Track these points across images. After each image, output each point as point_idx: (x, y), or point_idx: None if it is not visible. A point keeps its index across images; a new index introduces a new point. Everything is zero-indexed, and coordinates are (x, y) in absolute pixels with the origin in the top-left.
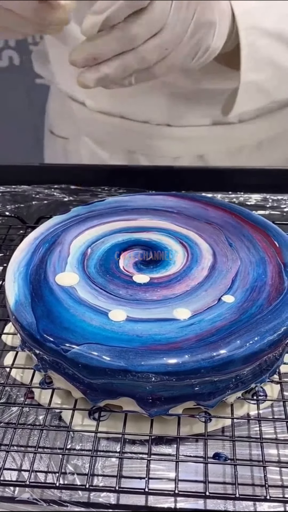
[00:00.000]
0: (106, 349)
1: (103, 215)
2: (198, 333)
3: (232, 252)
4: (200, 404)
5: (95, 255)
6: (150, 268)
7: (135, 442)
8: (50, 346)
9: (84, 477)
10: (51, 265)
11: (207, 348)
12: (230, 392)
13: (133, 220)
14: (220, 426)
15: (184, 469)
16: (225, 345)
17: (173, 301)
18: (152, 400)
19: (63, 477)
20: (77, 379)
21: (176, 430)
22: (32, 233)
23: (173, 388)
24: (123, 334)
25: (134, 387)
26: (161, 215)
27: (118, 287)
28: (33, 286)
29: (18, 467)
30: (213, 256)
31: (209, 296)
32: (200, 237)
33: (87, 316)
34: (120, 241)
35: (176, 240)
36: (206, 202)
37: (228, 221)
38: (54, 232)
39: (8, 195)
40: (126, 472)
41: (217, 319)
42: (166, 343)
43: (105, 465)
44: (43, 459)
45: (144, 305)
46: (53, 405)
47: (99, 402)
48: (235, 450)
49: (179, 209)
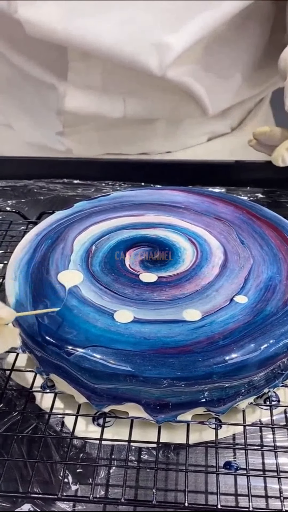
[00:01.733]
0: (111, 353)
1: (108, 211)
2: (210, 335)
3: (244, 249)
4: (211, 410)
5: (99, 253)
6: (158, 267)
7: (142, 450)
8: (52, 349)
9: (88, 487)
10: (53, 263)
11: (220, 352)
12: (242, 397)
13: (139, 216)
14: (231, 433)
15: (193, 478)
16: (238, 348)
17: (182, 302)
18: (160, 406)
19: (65, 487)
20: (81, 383)
21: (184, 437)
22: (34, 229)
23: (183, 394)
24: (129, 337)
25: (141, 392)
26: (169, 210)
27: (124, 286)
28: (34, 285)
29: (19, 476)
30: (224, 254)
31: (221, 296)
32: (210, 233)
33: (92, 317)
34: (126, 237)
35: (185, 237)
36: (215, 196)
37: (239, 217)
38: (57, 228)
39: (9, 190)
40: (132, 482)
41: (230, 320)
42: (176, 346)
43: (110, 475)
44: (45, 468)
45: (151, 305)
46: (55, 410)
47: (103, 408)
48: (247, 459)
49: (187, 204)
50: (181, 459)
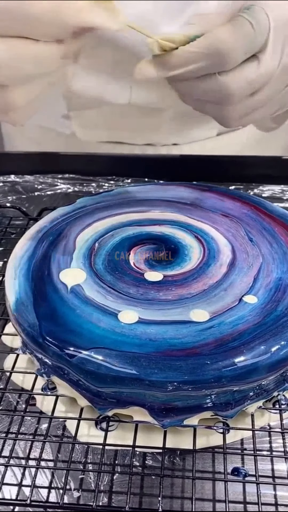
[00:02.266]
0: (115, 355)
1: (112, 207)
2: (218, 337)
3: (252, 247)
4: (218, 415)
5: (103, 250)
6: (163, 265)
7: (146, 455)
8: (54, 351)
9: (91, 494)
10: (55, 260)
11: (229, 355)
12: (250, 401)
13: (144, 212)
14: (239, 438)
15: (200, 485)
16: (248, 351)
17: (189, 302)
18: (166, 410)
19: (67, 494)
20: (83, 386)
21: (191, 442)
22: (35, 226)
23: (190, 398)
24: (134, 338)
25: (147, 396)
26: (174, 206)
27: (128, 285)
28: (35, 284)
29: (18, 482)
30: (232, 252)
31: (229, 296)
32: (217, 231)
33: (95, 317)
34: (130, 235)
35: (191, 234)
36: (222, 192)
37: (247, 213)
38: (59, 224)
39: (9, 186)
40: (136, 489)
41: (239, 321)
42: (183, 348)
43: (114, 481)
44: (46, 473)
45: (157, 305)
46: (57, 413)
47: (107, 411)
48: (257, 466)
49: (193, 201)
50: (187, 464)
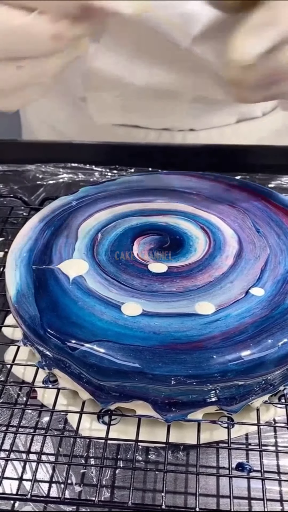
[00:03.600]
0: (118, 348)
1: (115, 196)
2: (224, 330)
3: (259, 238)
4: (223, 409)
5: (106, 241)
6: (168, 256)
7: (149, 449)
8: (55, 343)
9: (93, 489)
10: (57, 251)
11: (235, 348)
12: (256, 396)
13: (148, 202)
14: (244, 433)
15: (204, 481)
16: (255, 344)
17: (194, 294)
18: (170, 404)
19: (68, 489)
20: (85, 379)
21: (195, 437)
22: (36, 216)
23: (194, 392)
24: (138, 331)
25: (150, 390)
26: (179, 196)
27: (132, 277)
28: (36, 275)
29: (19, 476)
30: (239, 243)
31: (236, 288)
32: (223, 221)
33: (97, 309)
34: (134, 225)
35: (197, 224)
36: (229, 182)
37: (254, 204)
38: (61, 214)
39: (10, 175)
40: (139, 484)
41: (246, 314)
42: (188, 341)
43: (116, 476)
44: (47, 468)
45: (161, 297)
46: (59, 406)
47: (109, 405)
48: (262, 461)
49: (199, 190)
50: (191, 459)
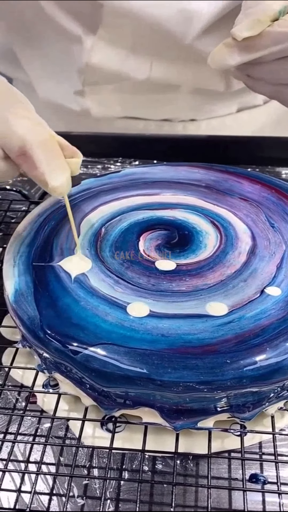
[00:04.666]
0: (124, 352)
1: (119, 189)
2: (239, 333)
3: (274, 234)
4: (236, 417)
5: (110, 236)
6: (176, 253)
7: (156, 458)
8: (56, 346)
9: (96, 502)
10: (57, 247)
11: (250, 353)
12: (271, 402)
13: (155, 195)
14: (257, 441)
15: (216, 493)
16: (272, 348)
17: (205, 293)
18: (179, 411)
19: (70, 502)
20: (88, 385)
21: (205, 445)
22: (36, 209)
23: (206, 399)
24: (145, 333)
25: (158, 397)
26: (187, 189)
27: (138, 275)
28: (36, 272)
29: (17, 488)
30: (252, 239)
31: (250, 288)
32: (235, 215)
33: (101, 310)
34: (139, 219)
35: (206, 219)
36: (240, 174)
37: (268, 197)
38: (62, 208)
39: None
40: (146, 496)
41: (261, 316)
42: (199, 345)
43: (121, 488)
44: (47, 479)
45: (170, 297)
46: (60, 412)
47: (113, 412)
48: (278, 473)
49: (208, 183)
50: (201, 470)
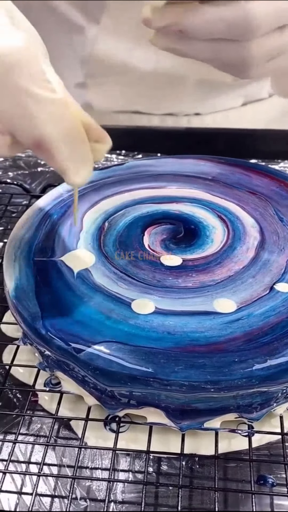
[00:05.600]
0: (129, 350)
1: (123, 182)
2: (248, 331)
3: (283, 228)
4: (243, 417)
5: (113, 231)
6: (182, 248)
7: (161, 459)
8: (58, 344)
9: (100, 505)
10: (59, 241)
11: (260, 351)
12: (280, 402)
13: (160, 188)
14: (265, 442)
15: (222, 496)
16: (283, 347)
17: (212, 290)
18: (185, 412)
19: (73, 504)
20: (91, 384)
21: (211, 446)
22: (37, 203)
23: (213, 399)
24: (150, 331)
25: (163, 397)
26: (193, 182)
27: (143, 270)
28: (37, 268)
29: (18, 489)
30: (260, 234)
31: (258, 284)
32: (243, 209)
33: (105, 306)
34: (144, 213)
35: (213, 213)
36: (247, 167)
37: (276, 190)
38: (64, 201)
39: (10, 160)
40: (150, 498)
41: (271, 313)
42: (206, 343)
43: (126, 489)
44: (49, 480)
45: (176, 294)
46: (62, 411)
47: (117, 411)
48: (287, 476)
49: (215, 176)
50: (207, 471)
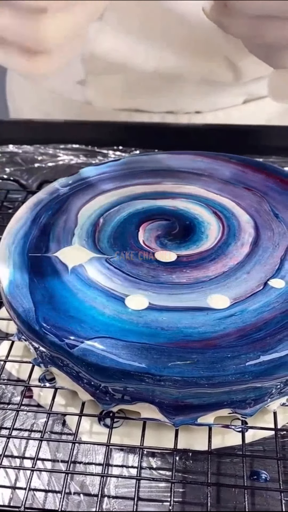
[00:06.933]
0: (122, 346)
1: (118, 178)
2: (241, 326)
3: (278, 224)
4: (237, 413)
5: (108, 226)
6: (177, 243)
7: (155, 454)
8: (52, 340)
9: (93, 499)
10: (54, 237)
11: (253, 347)
12: (273, 398)
13: (155, 184)
14: (259, 437)
15: (215, 491)
16: (275, 343)
17: (207, 286)
18: (178, 407)
19: (67, 499)
20: (85, 380)
21: (205, 442)
22: (32, 199)
23: (206, 395)
24: (144, 327)
25: (157, 392)
26: (189, 178)
27: (137, 266)
28: (32, 264)
29: (12, 484)
30: (255, 230)
31: (253, 280)
32: (238, 205)
33: (99, 302)
34: (139, 209)
35: (208, 209)
36: (243, 163)
37: (272, 186)
38: (59, 197)
39: (6, 156)
40: (144, 493)
41: (264, 309)
42: (200, 339)
43: (119, 484)
44: (43, 475)
45: (170, 289)
46: (56, 407)
47: (111, 407)
48: (280, 471)
49: (211, 171)
50: (200, 466)
